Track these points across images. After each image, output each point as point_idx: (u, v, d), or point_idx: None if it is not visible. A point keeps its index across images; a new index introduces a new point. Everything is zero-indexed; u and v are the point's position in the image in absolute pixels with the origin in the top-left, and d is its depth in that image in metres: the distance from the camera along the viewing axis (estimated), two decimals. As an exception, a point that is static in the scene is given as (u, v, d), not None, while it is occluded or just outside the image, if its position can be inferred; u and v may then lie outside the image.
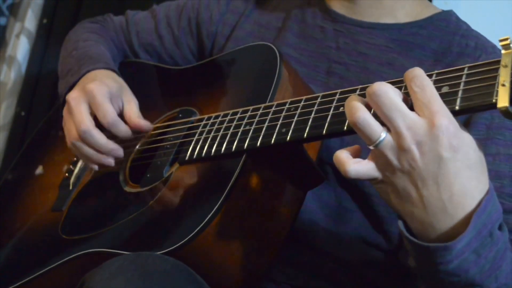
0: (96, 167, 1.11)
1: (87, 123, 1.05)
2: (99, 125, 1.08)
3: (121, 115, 1.10)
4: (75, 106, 1.07)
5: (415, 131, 0.71)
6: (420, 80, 0.72)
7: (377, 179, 0.75)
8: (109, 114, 1.06)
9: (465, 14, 1.16)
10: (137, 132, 1.10)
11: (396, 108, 0.71)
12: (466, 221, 0.73)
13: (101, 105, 1.06)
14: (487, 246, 0.75)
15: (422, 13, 1.13)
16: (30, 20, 1.94)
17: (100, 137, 1.06)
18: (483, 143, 0.96)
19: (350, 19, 1.14)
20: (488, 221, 0.74)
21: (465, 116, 1.01)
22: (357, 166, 0.74)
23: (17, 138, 1.93)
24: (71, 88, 1.16)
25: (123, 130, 1.07)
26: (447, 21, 1.12)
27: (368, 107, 0.74)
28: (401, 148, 0.72)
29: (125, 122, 1.09)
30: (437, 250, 0.73)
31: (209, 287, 0.88)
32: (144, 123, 1.09)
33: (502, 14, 1.52)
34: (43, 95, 1.93)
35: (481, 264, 0.76)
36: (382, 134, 0.72)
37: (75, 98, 1.08)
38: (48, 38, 1.95)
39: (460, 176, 0.72)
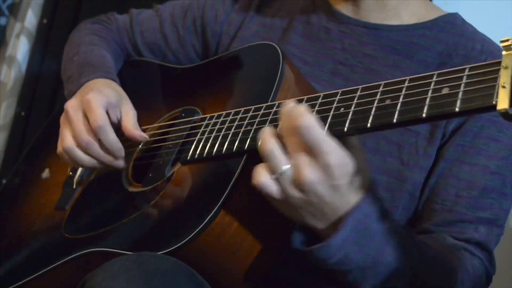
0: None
1: (86, 134, 1.05)
2: None
3: (118, 127, 1.09)
4: (73, 115, 1.07)
5: (314, 170, 0.79)
6: (301, 125, 0.79)
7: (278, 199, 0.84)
8: (99, 117, 1.05)
9: (465, 14, 1.16)
10: (128, 142, 1.10)
11: (300, 145, 0.80)
12: (342, 222, 0.83)
13: (93, 110, 1.05)
14: (367, 237, 0.84)
15: (427, 15, 1.13)
16: (30, 20, 1.94)
17: (97, 149, 1.06)
18: (466, 151, 1.01)
19: (355, 20, 1.14)
20: (364, 218, 0.84)
21: (458, 121, 1.02)
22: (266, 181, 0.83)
23: (17, 138, 1.93)
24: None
25: (110, 137, 1.06)
26: (452, 23, 1.12)
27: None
28: (299, 183, 0.80)
29: (121, 133, 1.09)
30: (319, 249, 0.84)
31: (210, 287, 0.89)
32: (138, 134, 1.08)
33: (502, 14, 1.52)
34: (43, 95, 1.94)
35: (365, 252, 0.85)
36: (284, 167, 0.81)
37: (73, 107, 1.08)
38: (48, 38, 1.95)
39: (346, 193, 0.82)
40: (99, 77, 1.17)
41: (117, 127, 1.09)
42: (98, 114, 1.05)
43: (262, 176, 0.82)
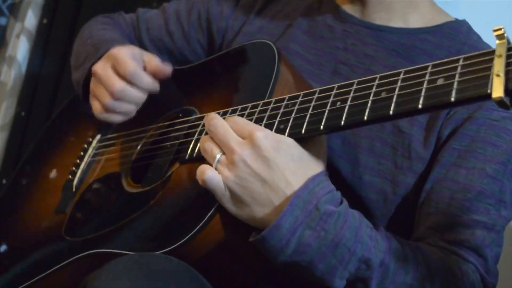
0: None
1: (120, 83, 1.08)
2: None
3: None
4: (102, 73, 1.10)
5: (242, 146, 0.85)
6: (229, 119, 0.89)
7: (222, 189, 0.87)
8: (129, 65, 1.07)
9: (465, 14, 1.16)
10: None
11: (226, 132, 0.88)
12: (289, 202, 0.83)
13: (121, 60, 1.08)
14: (320, 220, 0.83)
15: (433, 20, 1.12)
16: (30, 20, 1.95)
17: (131, 92, 1.08)
18: (463, 155, 0.99)
19: (359, 20, 1.14)
20: (312, 198, 0.84)
21: (454, 125, 1.02)
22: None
23: (17, 138, 1.93)
24: (90, 72, 1.16)
25: (145, 80, 1.09)
26: (457, 31, 1.11)
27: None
28: (231, 159, 0.85)
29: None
30: (270, 233, 0.83)
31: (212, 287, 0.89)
32: (164, 66, 1.11)
33: (502, 14, 1.52)
34: (43, 95, 1.94)
35: (321, 236, 0.83)
36: (218, 154, 0.88)
37: (100, 66, 1.11)
38: (48, 38, 1.95)
39: (286, 173, 0.84)
40: (117, 45, 1.17)
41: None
42: (128, 63, 1.08)
43: (204, 170, 0.87)
